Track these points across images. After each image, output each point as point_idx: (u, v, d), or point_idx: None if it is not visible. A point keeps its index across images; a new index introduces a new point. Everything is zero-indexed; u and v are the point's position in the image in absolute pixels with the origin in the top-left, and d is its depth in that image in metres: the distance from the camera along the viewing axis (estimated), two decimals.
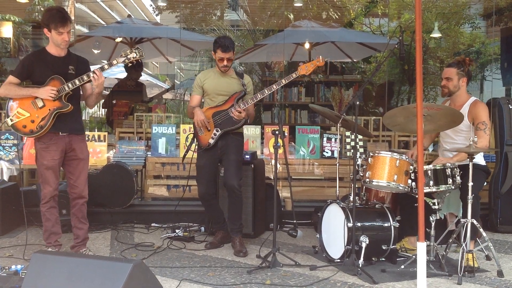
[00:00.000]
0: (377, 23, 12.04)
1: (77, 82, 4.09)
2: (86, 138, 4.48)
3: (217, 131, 4.67)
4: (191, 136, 4.96)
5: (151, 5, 15.46)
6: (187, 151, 4.89)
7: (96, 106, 11.77)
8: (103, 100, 9.14)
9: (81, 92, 4.34)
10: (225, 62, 4.67)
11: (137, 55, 4.16)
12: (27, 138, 5.66)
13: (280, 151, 4.41)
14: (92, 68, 4.27)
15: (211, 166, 4.78)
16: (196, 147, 4.83)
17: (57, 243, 4.30)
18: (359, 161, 4.39)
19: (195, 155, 4.82)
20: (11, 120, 4.10)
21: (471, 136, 4.23)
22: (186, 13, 11.36)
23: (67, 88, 4.07)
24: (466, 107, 4.50)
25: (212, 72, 4.86)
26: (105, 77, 4.33)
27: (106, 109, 9.02)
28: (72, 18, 10.92)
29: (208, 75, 4.83)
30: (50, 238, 4.27)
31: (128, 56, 4.16)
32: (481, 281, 3.96)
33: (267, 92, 4.65)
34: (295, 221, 4.50)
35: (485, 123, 4.37)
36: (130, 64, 4.36)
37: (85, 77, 4.09)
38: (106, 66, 4.17)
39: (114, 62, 4.19)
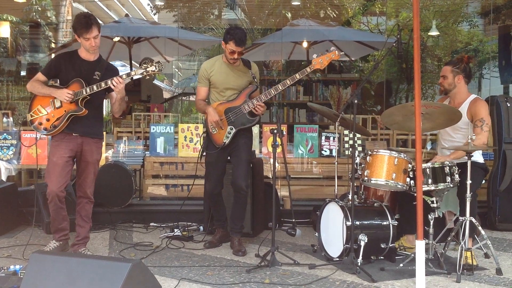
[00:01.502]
0: (375, 21, 12.04)
1: (94, 87, 4.13)
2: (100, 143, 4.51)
3: (231, 129, 4.57)
4: (203, 134, 4.84)
5: (149, 4, 15.44)
6: (203, 151, 4.81)
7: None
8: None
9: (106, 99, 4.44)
10: (236, 56, 4.52)
11: (156, 69, 4.19)
12: (24, 139, 5.70)
13: (279, 150, 4.41)
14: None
15: (220, 162, 4.70)
16: (207, 145, 4.71)
17: (62, 238, 4.35)
18: (358, 160, 4.39)
19: (197, 153, 4.78)
20: (31, 116, 4.21)
21: (469, 134, 4.22)
22: (184, 12, 11.36)
23: (84, 92, 4.13)
24: (465, 105, 4.50)
25: (219, 62, 4.68)
26: None
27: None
28: (70, 17, 10.96)
29: (214, 66, 4.66)
30: (57, 233, 4.35)
31: (147, 69, 4.18)
32: (479, 279, 3.97)
33: (280, 88, 4.46)
34: (294, 220, 4.49)
35: (483, 120, 4.37)
36: (147, 77, 4.41)
37: (102, 84, 4.12)
38: (124, 76, 4.19)
39: (133, 73, 4.24)
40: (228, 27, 4.66)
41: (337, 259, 4.26)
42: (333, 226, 4.35)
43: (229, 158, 4.74)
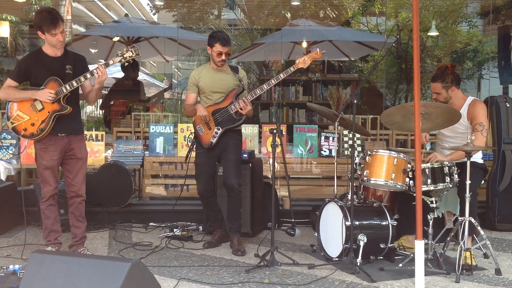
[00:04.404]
0: (375, 21, 12.05)
1: (74, 83, 4.07)
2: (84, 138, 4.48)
3: (218, 129, 4.64)
4: (191, 135, 4.88)
5: (148, 4, 15.44)
6: (189, 152, 4.85)
7: (94, 105, 11.77)
8: (100, 100, 9.13)
9: (80, 91, 4.33)
10: (223, 57, 4.61)
11: (133, 54, 4.13)
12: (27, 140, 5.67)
13: (278, 150, 4.41)
14: (90, 68, 4.26)
15: (209, 163, 4.76)
16: (195, 146, 4.79)
17: (56, 241, 4.30)
18: (357, 160, 4.39)
19: (193, 154, 4.80)
20: (12, 123, 4.11)
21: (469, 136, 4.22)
22: (184, 12, 11.36)
23: (65, 90, 4.06)
24: (465, 108, 4.49)
25: (206, 69, 4.80)
26: None
27: (104, 110, 9.01)
28: (69, 17, 10.96)
29: (202, 73, 4.77)
30: (50, 236, 4.27)
31: (124, 56, 4.13)
32: (479, 279, 3.97)
33: (265, 87, 4.57)
34: (293, 220, 4.50)
35: (483, 124, 4.36)
36: (126, 64, 4.33)
37: (82, 78, 4.07)
38: (103, 66, 4.12)
39: (111, 62, 4.14)
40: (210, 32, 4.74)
41: (336, 259, 4.26)
42: (333, 226, 4.35)
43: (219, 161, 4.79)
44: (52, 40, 4.07)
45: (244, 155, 5.04)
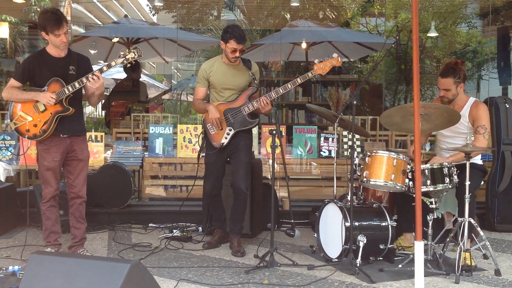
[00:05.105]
0: (374, 22, 12.05)
1: (76, 85, 4.06)
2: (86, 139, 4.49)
3: (230, 130, 4.56)
4: (199, 134, 4.79)
5: (148, 5, 15.44)
6: (200, 151, 4.80)
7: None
8: (102, 100, 9.14)
9: (83, 92, 4.33)
10: (237, 54, 4.49)
11: (135, 55, 4.11)
12: (24, 139, 5.67)
13: (278, 151, 4.41)
14: (94, 68, 4.26)
15: (220, 163, 4.70)
16: (205, 145, 4.73)
17: (56, 242, 4.30)
18: (357, 161, 4.39)
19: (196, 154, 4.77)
20: (15, 124, 4.11)
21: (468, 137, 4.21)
22: (183, 13, 11.36)
23: (67, 92, 4.05)
24: (466, 109, 4.47)
25: (218, 62, 4.66)
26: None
27: (105, 111, 9.02)
28: (69, 18, 10.95)
29: (213, 66, 4.63)
30: (50, 237, 4.27)
31: (127, 57, 4.11)
32: (478, 280, 3.97)
33: (281, 91, 4.46)
34: (292, 221, 4.49)
35: (485, 127, 4.34)
36: (129, 65, 4.33)
37: (84, 80, 4.06)
38: (104, 68, 4.12)
39: (113, 63, 4.13)
40: (225, 26, 4.64)
41: (336, 260, 4.26)
42: (332, 227, 4.35)
43: (228, 159, 4.74)
44: (56, 40, 4.07)
45: None
